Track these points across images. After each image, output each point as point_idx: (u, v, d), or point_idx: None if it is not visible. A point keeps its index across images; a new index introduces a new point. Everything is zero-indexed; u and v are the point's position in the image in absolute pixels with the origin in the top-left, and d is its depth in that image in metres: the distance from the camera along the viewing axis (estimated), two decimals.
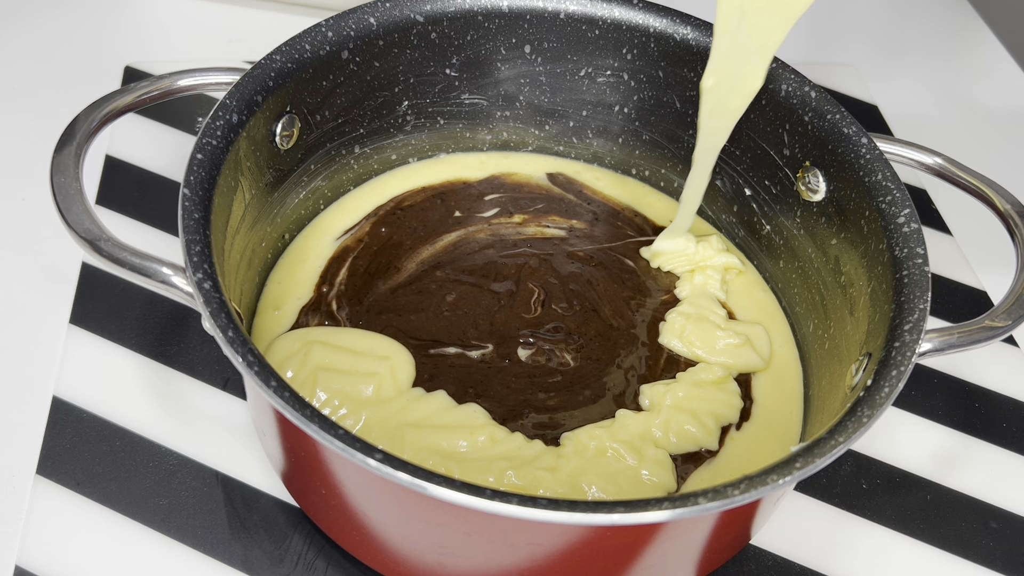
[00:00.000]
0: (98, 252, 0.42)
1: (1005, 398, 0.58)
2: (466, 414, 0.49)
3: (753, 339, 0.54)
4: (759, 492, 0.37)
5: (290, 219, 0.56)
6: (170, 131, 0.66)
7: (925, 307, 0.44)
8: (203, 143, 0.45)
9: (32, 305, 0.56)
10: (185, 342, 0.55)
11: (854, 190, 0.50)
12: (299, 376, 0.49)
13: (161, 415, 0.52)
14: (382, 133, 0.58)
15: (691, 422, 0.49)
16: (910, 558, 0.51)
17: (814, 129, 0.52)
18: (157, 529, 0.48)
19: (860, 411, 0.40)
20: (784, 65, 0.53)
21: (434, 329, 0.53)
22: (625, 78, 0.58)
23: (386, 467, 0.36)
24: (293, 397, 0.37)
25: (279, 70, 0.49)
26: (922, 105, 0.78)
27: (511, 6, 0.56)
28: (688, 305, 0.55)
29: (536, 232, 0.59)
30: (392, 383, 0.49)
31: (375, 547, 0.45)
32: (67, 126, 0.46)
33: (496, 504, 0.35)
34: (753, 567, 0.50)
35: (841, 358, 0.49)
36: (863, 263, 0.49)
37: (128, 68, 0.70)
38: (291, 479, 0.48)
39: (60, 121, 0.49)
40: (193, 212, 0.43)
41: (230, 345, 0.38)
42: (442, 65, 0.57)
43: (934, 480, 0.54)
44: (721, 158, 0.58)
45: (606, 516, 0.35)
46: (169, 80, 0.50)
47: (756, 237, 0.58)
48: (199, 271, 0.41)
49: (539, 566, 0.41)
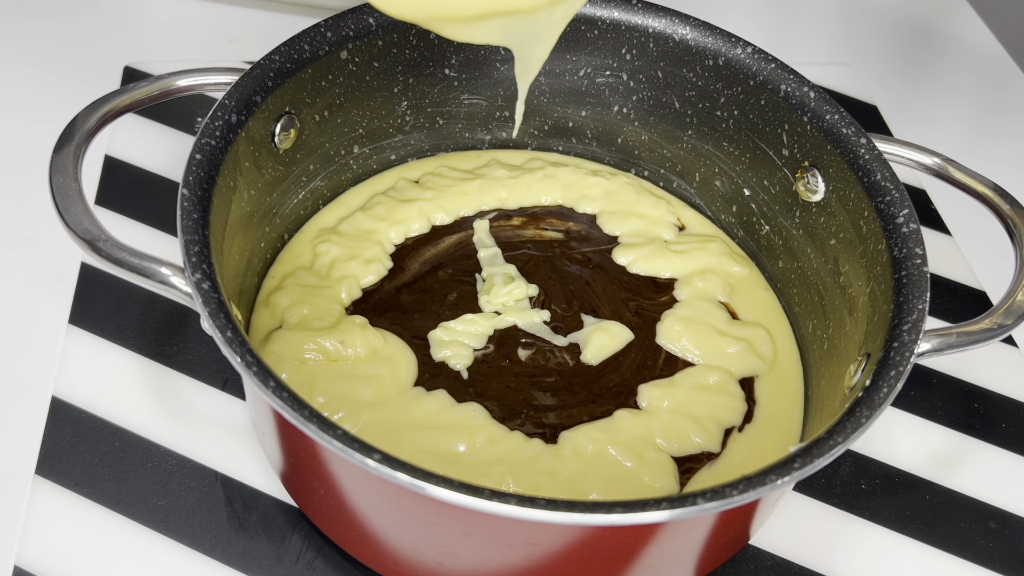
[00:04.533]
0: (97, 252, 0.42)
1: (1004, 398, 0.58)
2: (466, 414, 0.49)
3: (754, 343, 0.54)
4: (757, 492, 0.37)
5: (289, 219, 0.56)
6: (169, 131, 0.66)
7: (924, 307, 0.44)
8: (202, 143, 0.45)
9: (31, 305, 0.56)
10: (184, 342, 0.55)
11: (853, 190, 0.50)
12: (296, 377, 0.49)
13: (160, 415, 0.52)
14: (381, 133, 0.58)
15: (693, 427, 0.49)
16: (909, 558, 0.51)
17: (813, 129, 0.52)
18: (156, 529, 0.48)
19: (859, 411, 0.40)
20: (783, 65, 0.53)
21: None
22: (624, 78, 0.58)
23: (384, 467, 0.36)
24: (292, 397, 0.37)
25: (278, 70, 0.49)
26: (922, 105, 0.78)
27: None
28: (685, 308, 0.55)
29: (535, 234, 0.59)
30: (393, 384, 0.49)
31: (374, 547, 0.45)
32: (66, 126, 0.46)
33: (494, 504, 0.35)
34: (752, 567, 0.50)
35: (840, 358, 0.49)
36: (862, 263, 0.49)
37: (127, 68, 0.70)
38: (290, 479, 0.48)
39: (59, 121, 0.49)
40: (192, 212, 0.43)
41: (229, 345, 0.38)
42: (441, 65, 0.57)
43: (933, 480, 0.54)
44: (720, 158, 0.58)
45: (604, 516, 0.35)
46: (168, 80, 0.50)
47: (755, 237, 0.58)
48: (198, 271, 0.41)
49: (537, 566, 0.41)
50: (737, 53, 0.54)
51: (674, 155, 0.60)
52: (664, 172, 0.62)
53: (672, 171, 0.61)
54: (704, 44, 0.55)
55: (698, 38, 0.55)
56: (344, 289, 0.53)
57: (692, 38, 0.55)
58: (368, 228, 0.56)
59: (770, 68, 0.53)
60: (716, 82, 0.55)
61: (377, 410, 0.48)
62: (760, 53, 0.54)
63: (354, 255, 0.55)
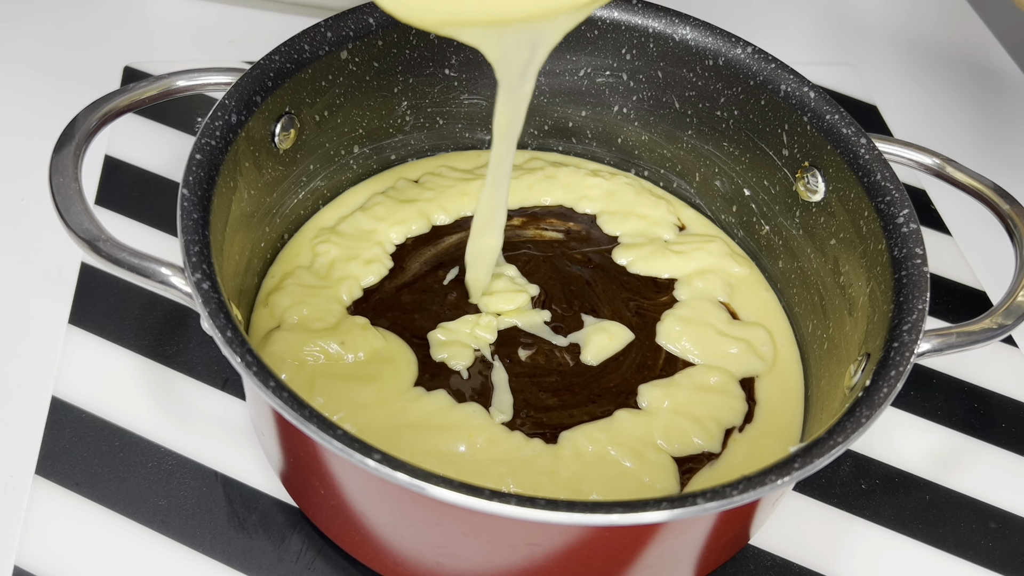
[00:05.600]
0: (97, 252, 0.42)
1: (1004, 398, 0.58)
2: (466, 414, 0.49)
3: (755, 343, 0.54)
4: (757, 492, 0.37)
5: (289, 219, 0.56)
6: (169, 131, 0.66)
7: (924, 307, 0.44)
8: (202, 143, 0.45)
9: (31, 305, 0.56)
10: (184, 342, 0.55)
11: (853, 190, 0.50)
12: (295, 378, 0.49)
13: (160, 415, 0.52)
14: (381, 133, 0.58)
15: (694, 427, 0.49)
16: (909, 558, 0.51)
17: (813, 129, 0.52)
18: (156, 529, 0.48)
19: (859, 411, 0.40)
20: (783, 65, 0.53)
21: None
22: (624, 78, 0.58)
23: (385, 467, 0.36)
24: (292, 397, 0.37)
25: (278, 70, 0.49)
26: (922, 105, 0.78)
27: None
28: (685, 308, 0.55)
29: (535, 234, 0.59)
30: (393, 384, 0.49)
31: (374, 547, 0.45)
32: (66, 126, 0.46)
33: (494, 504, 0.35)
34: (752, 567, 0.50)
35: (840, 358, 0.49)
36: (862, 263, 0.49)
37: (127, 68, 0.70)
38: (290, 479, 0.48)
39: (59, 121, 0.49)
40: (192, 212, 0.43)
41: (228, 345, 0.38)
42: (441, 65, 0.57)
43: (933, 480, 0.54)
44: (720, 158, 0.58)
45: (604, 516, 0.35)
46: (168, 80, 0.50)
47: (755, 237, 0.58)
48: (198, 271, 0.41)
49: (537, 566, 0.41)
50: (737, 53, 0.54)
51: (674, 155, 0.60)
52: (664, 172, 0.62)
53: (672, 171, 0.61)
54: (704, 44, 0.55)
55: (698, 38, 0.55)
56: (345, 289, 0.53)
57: (692, 38, 0.55)
58: (368, 228, 0.56)
59: (770, 68, 0.53)
60: (716, 82, 0.55)
61: (377, 410, 0.48)
62: (760, 53, 0.54)
63: (354, 255, 0.55)
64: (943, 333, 0.45)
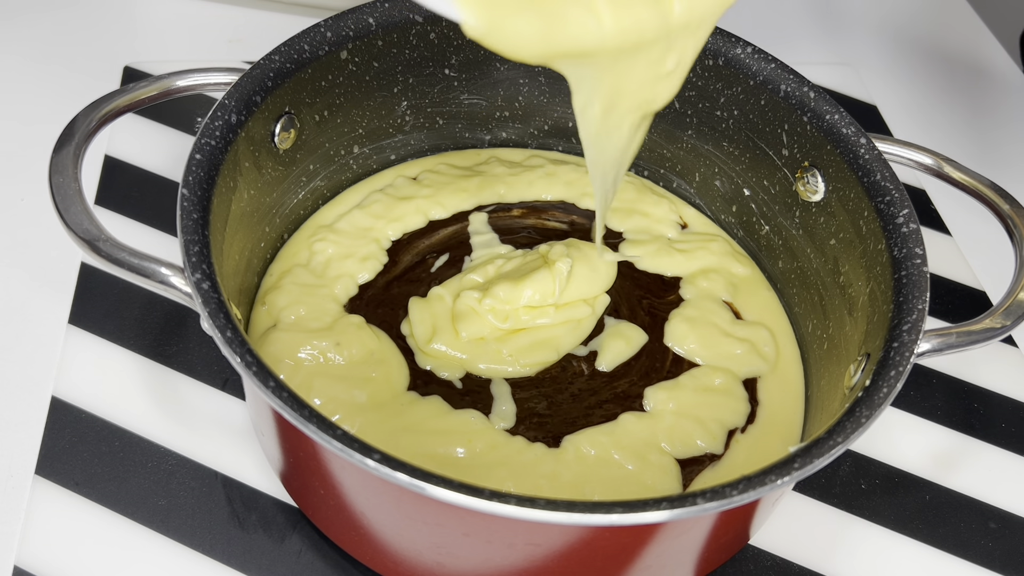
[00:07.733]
0: (97, 252, 0.42)
1: (1004, 398, 0.58)
2: (464, 418, 0.48)
3: (757, 343, 0.54)
4: (757, 492, 0.37)
5: (289, 219, 0.56)
6: (169, 131, 0.66)
7: (924, 307, 0.44)
8: (202, 143, 0.45)
9: (31, 305, 0.56)
10: (184, 342, 0.55)
11: (853, 190, 0.50)
12: (293, 379, 0.49)
13: (160, 415, 0.52)
14: (381, 133, 0.58)
15: (698, 430, 0.49)
16: (909, 558, 0.51)
17: (813, 129, 0.52)
18: (156, 529, 0.48)
19: (859, 411, 0.40)
20: (783, 65, 0.53)
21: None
22: None
23: (384, 467, 0.36)
24: (291, 397, 0.37)
25: (278, 70, 0.49)
26: (922, 105, 0.78)
27: None
28: (691, 308, 0.55)
29: (536, 223, 0.58)
30: (387, 387, 0.49)
31: (373, 547, 0.45)
32: (66, 126, 0.46)
33: (494, 504, 0.35)
34: (752, 567, 0.50)
35: (840, 358, 0.49)
36: (862, 263, 0.49)
37: (127, 68, 0.70)
38: (290, 479, 0.48)
39: (59, 121, 0.49)
40: (192, 212, 0.43)
41: (228, 345, 0.38)
42: (441, 65, 0.57)
43: (933, 480, 0.54)
44: (720, 158, 0.58)
45: (604, 516, 0.35)
46: (168, 80, 0.50)
47: (755, 237, 0.58)
48: (198, 271, 0.41)
49: (537, 566, 0.41)
50: (737, 53, 0.54)
51: (674, 155, 0.60)
52: (664, 172, 0.62)
53: (672, 171, 0.61)
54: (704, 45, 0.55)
55: None
56: (340, 287, 0.53)
57: None
58: (365, 226, 0.56)
59: (770, 68, 0.53)
60: (716, 82, 0.55)
61: (373, 413, 0.48)
62: (760, 53, 0.54)
63: (350, 253, 0.55)
64: (943, 333, 0.45)
